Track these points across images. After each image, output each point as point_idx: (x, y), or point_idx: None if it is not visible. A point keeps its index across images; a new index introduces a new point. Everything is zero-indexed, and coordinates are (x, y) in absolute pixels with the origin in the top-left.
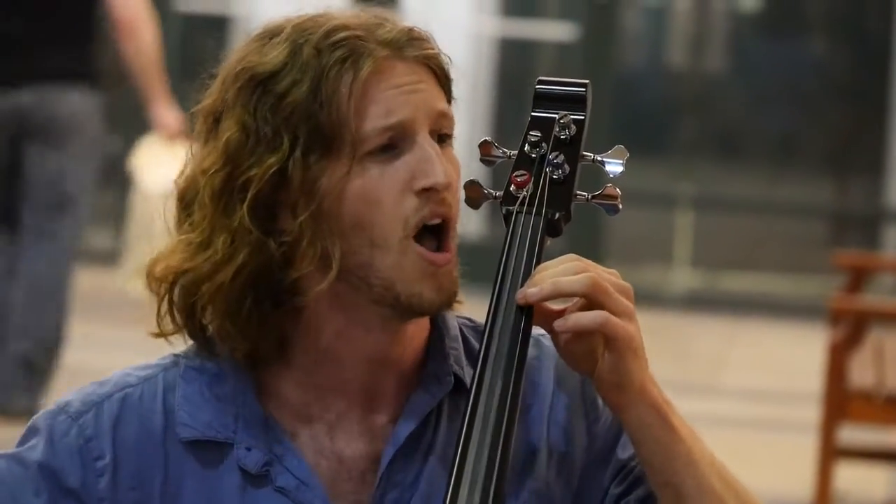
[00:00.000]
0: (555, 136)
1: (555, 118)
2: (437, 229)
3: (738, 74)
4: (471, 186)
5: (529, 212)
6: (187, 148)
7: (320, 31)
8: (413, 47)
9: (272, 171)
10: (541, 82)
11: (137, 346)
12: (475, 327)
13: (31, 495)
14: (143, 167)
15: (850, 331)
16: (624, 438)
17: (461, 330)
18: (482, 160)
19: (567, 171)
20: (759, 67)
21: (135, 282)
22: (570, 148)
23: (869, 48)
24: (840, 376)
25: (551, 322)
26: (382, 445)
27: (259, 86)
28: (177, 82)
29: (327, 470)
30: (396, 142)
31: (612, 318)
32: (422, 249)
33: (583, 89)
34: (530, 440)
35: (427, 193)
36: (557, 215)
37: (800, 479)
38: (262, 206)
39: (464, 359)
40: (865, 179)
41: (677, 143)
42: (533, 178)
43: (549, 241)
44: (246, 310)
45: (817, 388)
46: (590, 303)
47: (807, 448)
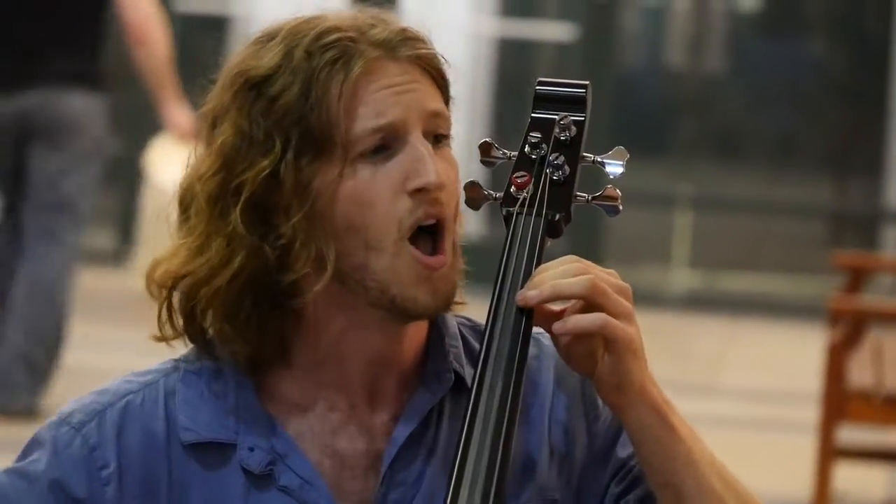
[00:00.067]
0: (555, 137)
1: (555, 119)
2: (433, 230)
3: (737, 75)
4: (471, 187)
5: (530, 213)
6: (192, 150)
7: (312, 34)
8: (406, 47)
9: (265, 174)
10: (541, 83)
11: (138, 346)
12: (474, 326)
13: None
14: (155, 167)
15: (849, 331)
16: (623, 437)
17: (460, 329)
18: (482, 161)
19: (567, 173)
20: (759, 68)
21: (143, 281)
22: (571, 149)
23: (868, 48)
24: (839, 376)
25: (552, 323)
26: (384, 444)
27: (253, 89)
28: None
29: (331, 469)
30: (389, 143)
31: (612, 320)
32: (416, 253)
33: (583, 90)
34: (531, 440)
35: (420, 194)
36: (558, 216)
37: (799, 479)
38: (257, 210)
39: (463, 357)
40: (864, 180)
41: (676, 144)
42: (533, 180)
43: (550, 242)
44: (245, 313)
45: (816, 388)
46: (589, 305)
47: (806, 448)
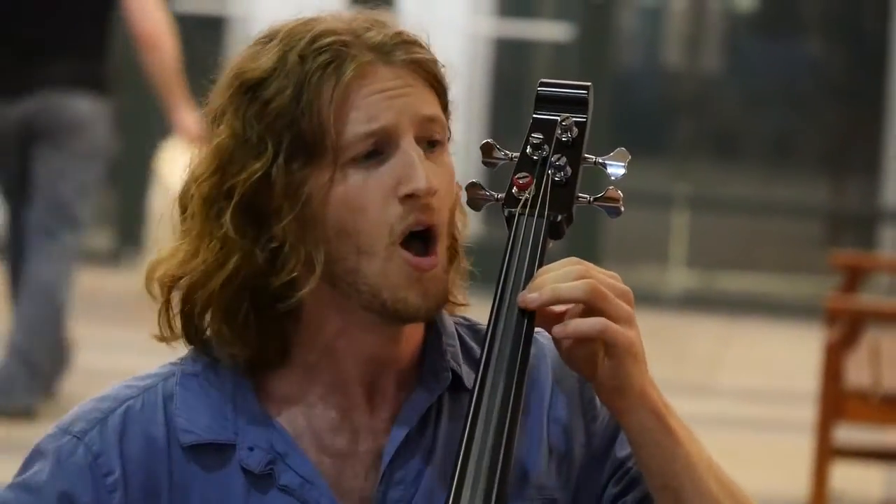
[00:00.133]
0: (557, 138)
1: (556, 120)
2: (424, 236)
3: (734, 74)
4: (472, 188)
5: (532, 214)
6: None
7: (308, 37)
8: (401, 51)
9: (256, 177)
10: (543, 84)
11: (138, 346)
12: (471, 326)
13: None
14: (165, 169)
15: (847, 331)
16: (621, 437)
17: (457, 329)
18: (484, 162)
19: (569, 174)
20: (756, 68)
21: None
22: (572, 150)
23: (865, 48)
24: (836, 376)
25: (553, 325)
26: (384, 443)
27: (248, 91)
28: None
29: (331, 468)
30: (381, 148)
31: (612, 324)
32: (407, 254)
33: (584, 92)
34: (530, 439)
35: (411, 200)
36: (559, 217)
37: (796, 478)
38: (249, 212)
39: (461, 356)
40: (862, 179)
41: (673, 144)
42: (535, 181)
43: (552, 243)
44: (242, 314)
45: (813, 387)
46: (589, 308)
47: (803, 448)
